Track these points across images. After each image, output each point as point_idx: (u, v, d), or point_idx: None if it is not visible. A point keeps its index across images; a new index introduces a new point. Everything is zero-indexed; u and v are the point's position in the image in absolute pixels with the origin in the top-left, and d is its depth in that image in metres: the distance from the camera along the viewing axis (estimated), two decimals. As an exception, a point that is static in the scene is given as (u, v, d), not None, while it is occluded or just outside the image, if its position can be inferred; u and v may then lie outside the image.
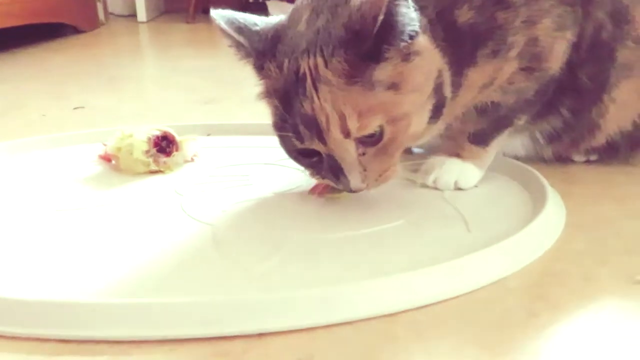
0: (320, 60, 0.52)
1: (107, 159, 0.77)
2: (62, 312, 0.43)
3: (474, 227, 0.57)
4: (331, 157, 0.54)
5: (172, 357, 0.41)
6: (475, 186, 0.66)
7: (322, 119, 0.52)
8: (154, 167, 0.73)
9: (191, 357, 0.41)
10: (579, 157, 0.73)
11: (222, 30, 0.56)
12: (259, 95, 0.58)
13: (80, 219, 0.62)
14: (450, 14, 0.58)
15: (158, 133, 0.75)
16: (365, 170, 0.55)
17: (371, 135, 0.53)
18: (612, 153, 0.71)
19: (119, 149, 0.74)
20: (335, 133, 0.52)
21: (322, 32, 0.52)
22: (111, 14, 2.63)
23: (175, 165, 0.75)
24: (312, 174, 0.59)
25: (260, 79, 0.57)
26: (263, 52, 0.55)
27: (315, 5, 0.55)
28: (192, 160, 0.77)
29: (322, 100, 0.51)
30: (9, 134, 0.93)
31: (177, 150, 0.75)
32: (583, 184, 0.68)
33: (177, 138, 0.76)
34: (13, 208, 0.65)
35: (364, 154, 0.54)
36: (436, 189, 0.65)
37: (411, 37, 0.52)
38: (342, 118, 0.51)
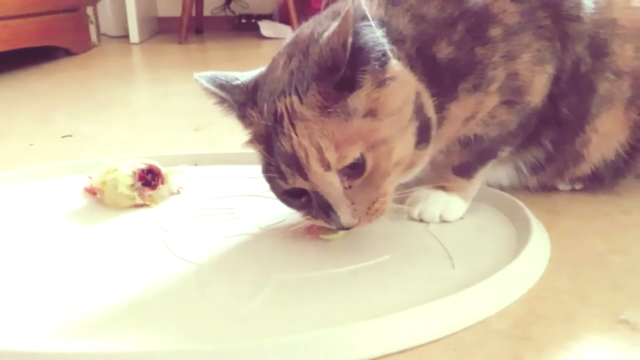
0: (295, 98, 0.52)
1: (92, 192, 0.76)
2: (39, 362, 0.42)
3: (459, 262, 0.57)
4: (318, 195, 0.54)
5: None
6: (461, 218, 0.66)
7: (301, 155, 0.52)
8: (139, 201, 0.73)
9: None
10: (564, 186, 0.74)
11: (205, 89, 0.58)
12: (246, 144, 0.59)
13: (61, 257, 0.61)
14: (429, 49, 0.58)
15: (143, 166, 0.75)
16: (353, 204, 0.54)
17: (354, 166, 0.53)
18: (597, 182, 0.71)
19: (103, 183, 0.74)
20: (315, 167, 0.52)
21: (296, 72, 0.53)
22: (104, 35, 2.64)
23: (160, 198, 0.75)
24: (304, 215, 0.58)
25: (246, 128, 0.58)
26: (244, 102, 0.57)
27: (290, 50, 0.56)
28: (178, 192, 0.77)
29: (299, 136, 0.52)
30: (-3, 164, 0.93)
31: (162, 183, 0.75)
32: (568, 215, 0.68)
33: (163, 170, 0.76)
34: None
35: (350, 187, 0.54)
36: (421, 221, 0.65)
37: (383, 59, 0.52)
38: (320, 151, 0.51)
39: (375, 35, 0.52)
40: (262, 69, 0.60)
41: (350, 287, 0.53)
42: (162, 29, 2.91)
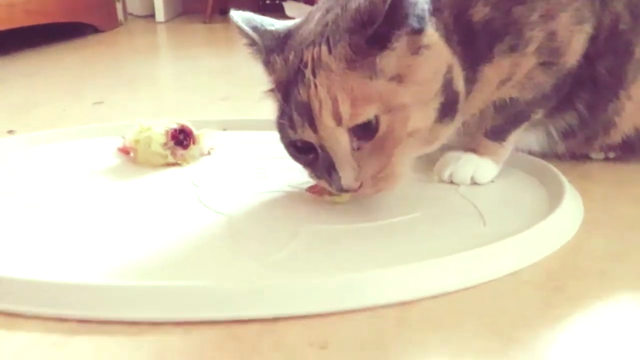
0: (324, 48, 0.51)
1: (125, 151, 0.78)
2: (82, 293, 0.44)
3: (490, 221, 0.57)
4: (325, 151, 0.53)
5: (187, 339, 0.41)
6: (492, 181, 0.66)
7: (315, 104, 0.51)
8: (171, 160, 0.74)
9: (206, 339, 0.41)
10: (596, 155, 0.73)
11: (239, 28, 0.58)
12: (266, 92, 0.58)
13: (100, 207, 0.63)
14: (465, 14, 0.58)
15: (176, 126, 0.76)
16: (359, 167, 0.52)
17: (366, 128, 0.51)
18: (628, 151, 0.70)
19: (137, 142, 0.75)
20: (326, 119, 0.51)
21: (331, 25, 0.53)
22: (130, 14, 2.67)
23: (192, 158, 0.76)
24: (309, 174, 0.58)
25: (268, 75, 0.58)
26: (273, 48, 0.56)
27: (329, 5, 0.56)
28: (209, 153, 0.78)
29: (318, 85, 0.51)
30: (31, 127, 0.95)
31: (194, 143, 0.76)
32: (600, 182, 0.67)
33: (195, 131, 0.77)
34: (36, 196, 0.66)
35: (359, 148, 0.52)
36: (452, 183, 0.65)
37: (421, 24, 0.51)
38: (335, 103, 0.50)
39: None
40: (298, 19, 0.59)
41: (381, 239, 0.54)
42: (186, 9, 2.92)
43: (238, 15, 0.58)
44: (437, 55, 0.54)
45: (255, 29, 0.57)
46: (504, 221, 0.56)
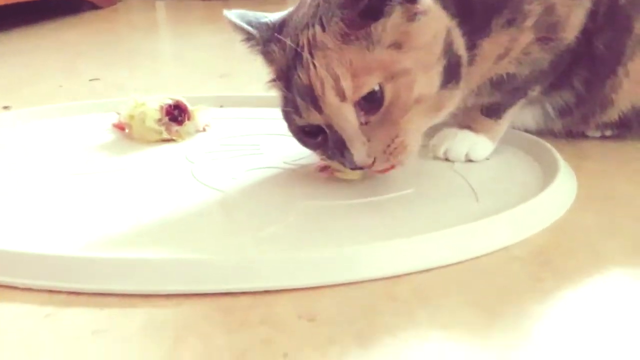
0: (318, 28, 0.51)
1: (120, 127, 0.78)
2: (74, 266, 0.44)
3: (483, 197, 0.57)
4: (333, 131, 0.53)
5: (178, 311, 0.42)
6: (487, 158, 0.66)
7: (316, 85, 0.51)
8: (166, 136, 0.74)
9: (197, 311, 0.41)
10: (593, 133, 0.72)
11: (234, 25, 0.57)
12: (269, 84, 0.58)
13: (94, 182, 0.63)
14: None
15: (170, 102, 0.75)
16: (369, 141, 0.52)
17: (371, 99, 0.51)
18: (624, 129, 0.70)
19: (131, 117, 0.75)
20: (330, 97, 0.50)
21: (322, 5, 0.52)
22: (128, -10, 2.63)
23: (187, 134, 0.76)
24: (320, 156, 0.58)
25: (268, 65, 0.57)
26: (270, 38, 0.56)
27: None
28: (204, 130, 0.78)
29: (317, 65, 0.50)
30: (27, 103, 0.95)
31: (189, 119, 0.76)
32: (595, 159, 0.67)
33: (190, 107, 0.77)
34: (31, 171, 0.66)
35: (366, 123, 0.52)
36: (447, 160, 0.65)
37: None
38: (337, 80, 0.50)
39: None
40: (291, 9, 0.59)
41: (373, 215, 0.54)
42: (186, -14, 2.88)
43: (231, 13, 0.58)
44: (433, 19, 0.53)
45: (249, 23, 0.57)
46: (496, 198, 0.56)
